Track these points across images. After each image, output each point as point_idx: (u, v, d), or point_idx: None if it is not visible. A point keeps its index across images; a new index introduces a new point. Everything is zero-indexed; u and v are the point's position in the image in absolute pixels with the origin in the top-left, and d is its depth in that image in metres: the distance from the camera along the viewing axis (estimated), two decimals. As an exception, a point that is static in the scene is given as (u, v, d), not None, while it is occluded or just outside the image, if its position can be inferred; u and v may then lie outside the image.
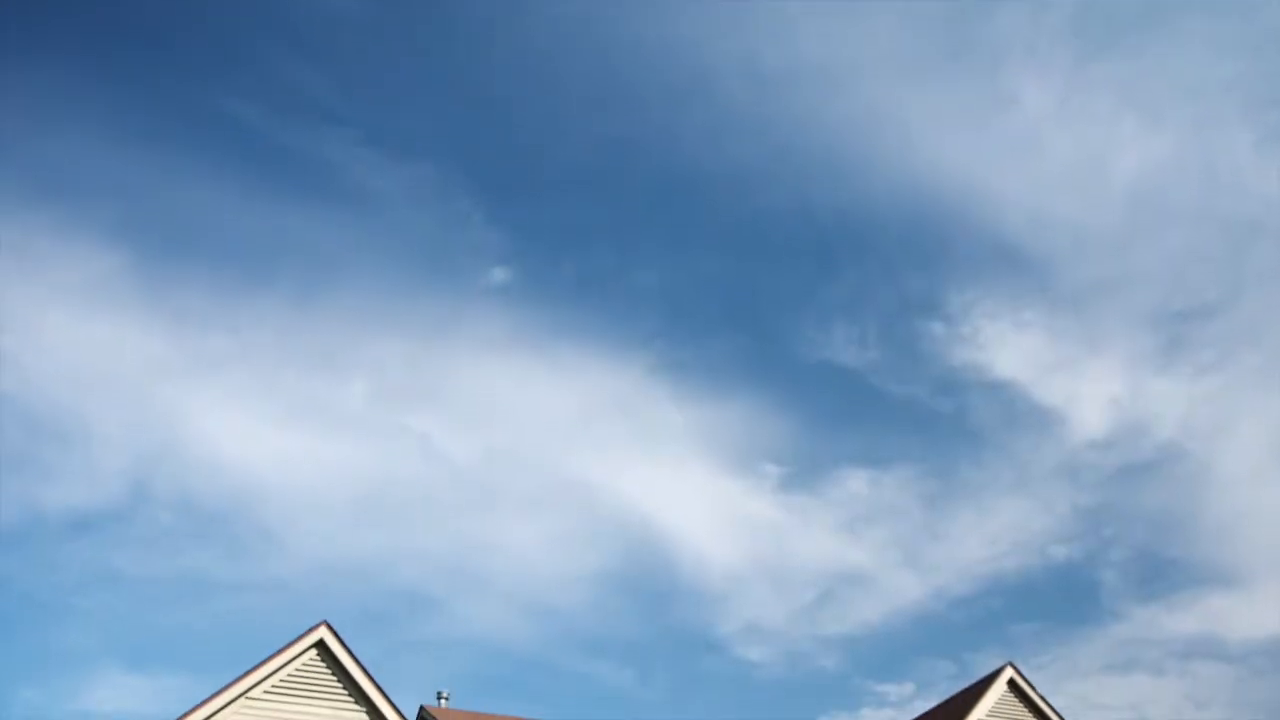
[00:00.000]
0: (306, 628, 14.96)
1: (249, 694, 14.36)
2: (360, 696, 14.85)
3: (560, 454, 69.24)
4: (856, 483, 79.43)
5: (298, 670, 14.75)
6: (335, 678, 14.88)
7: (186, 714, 13.81)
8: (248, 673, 14.37)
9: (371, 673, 14.98)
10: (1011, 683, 20.72)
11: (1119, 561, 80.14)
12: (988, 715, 20.32)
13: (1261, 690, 76.76)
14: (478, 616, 76.59)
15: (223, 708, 14.14)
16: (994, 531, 78.89)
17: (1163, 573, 79.71)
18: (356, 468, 67.06)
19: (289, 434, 65.48)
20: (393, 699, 14.90)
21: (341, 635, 15.01)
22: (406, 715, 14.89)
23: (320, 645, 14.93)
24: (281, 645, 14.77)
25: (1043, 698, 20.43)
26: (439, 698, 23.64)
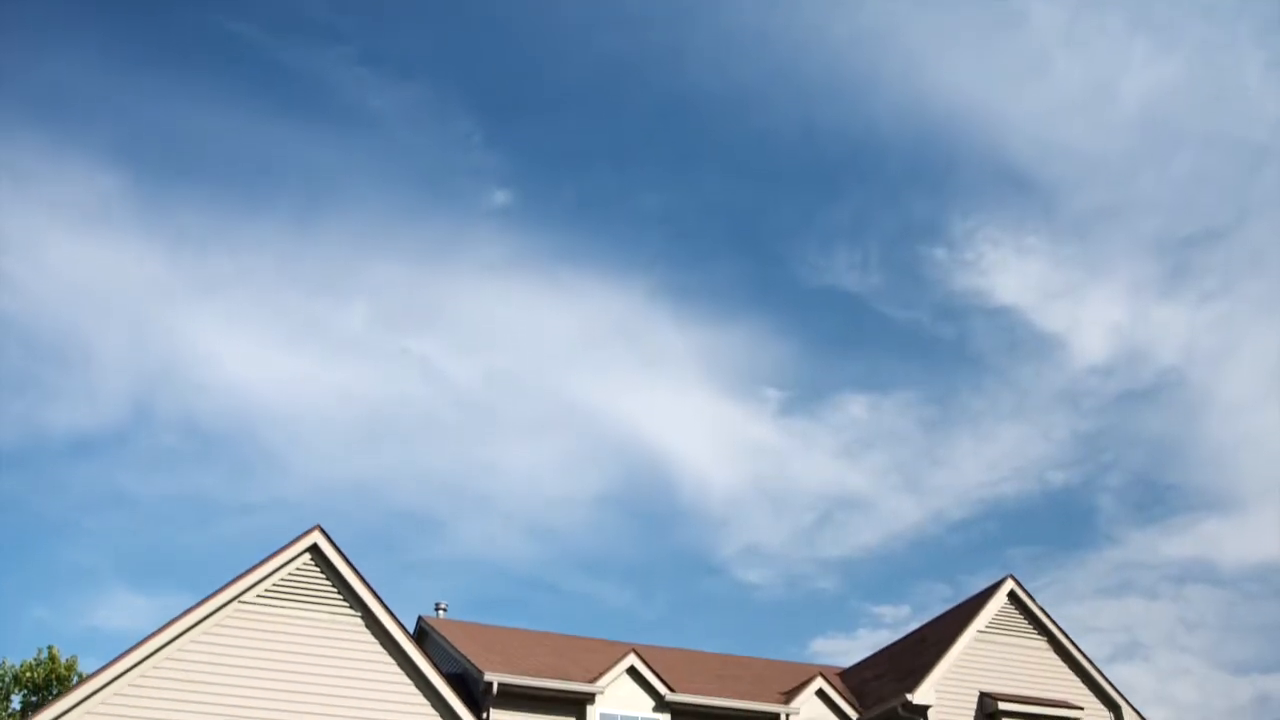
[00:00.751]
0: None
1: (242, 598, 14.21)
2: (355, 601, 14.70)
3: (561, 377, 69.04)
4: (857, 407, 79.30)
5: (291, 575, 14.58)
6: (330, 583, 14.72)
7: (179, 616, 13.66)
8: (240, 577, 14.21)
9: (366, 578, 14.82)
10: (1012, 595, 20.62)
11: (1116, 487, 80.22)
12: (988, 626, 20.24)
13: (1253, 614, 77.37)
14: (479, 537, 76.87)
15: (216, 611, 13.99)
16: (993, 457, 78.91)
17: (1159, 498, 79.86)
18: (358, 390, 66.88)
19: (290, 356, 65.20)
20: (392, 610, 14.75)
21: (336, 541, 14.83)
22: (405, 625, 14.75)
23: (314, 550, 14.75)
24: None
25: (1042, 609, 20.35)
26: (437, 609, 23.60)
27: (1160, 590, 79.35)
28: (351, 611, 14.65)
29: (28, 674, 27.25)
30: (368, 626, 14.64)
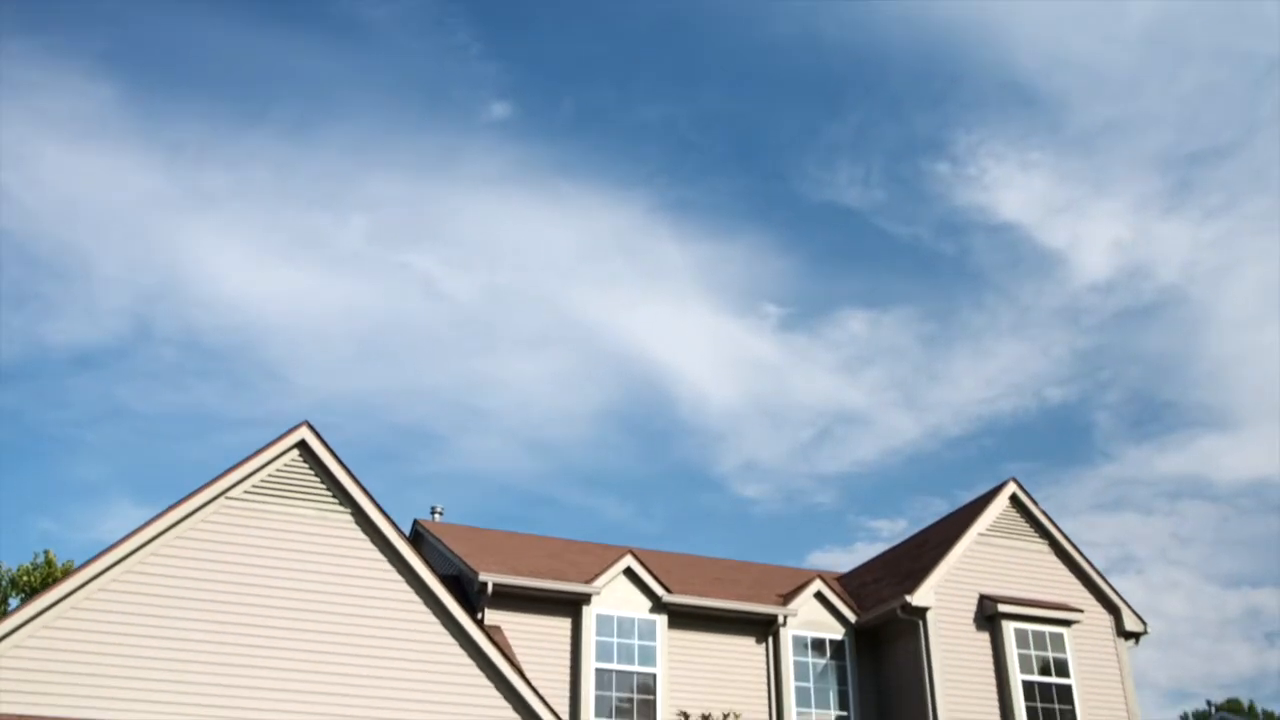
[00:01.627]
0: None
1: (229, 494, 13.92)
2: (344, 498, 14.42)
3: (561, 292, 68.59)
4: (856, 323, 79.01)
5: (279, 471, 14.28)
6: (318, 479, 14.42)
7: (165, 511, 13.38)
8: (227, 472, 13.90)
9: (356, 475, 14.52)
10: (1014, 498, 20.38)
11: (1113, 404, 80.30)
12: (989, 529, 20.01)
13: (1245, 528, 77.82)
14: (480, 452, 77.14)
15: (203, 506, 13.71)
16: (991, 374, 78.84)
17: (1156, 415, 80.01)
18: (357, 305, 66.50)
19: (289, 271, 64.69)
20: (383, 507, 14.46)
21: (325, 438, 14.51)
22: (400, 527, 14.47)
23: (302, 446, 14.43)
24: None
25: (1044, 512, 20.11)
26: (433, 512, 23.45)
27: (1155, 506, 79.71)
28: (341, 508, 14.37)
29: (24, 578, 27.26)
30: (358, 524, 14.37)
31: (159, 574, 13.23)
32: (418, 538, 22.30)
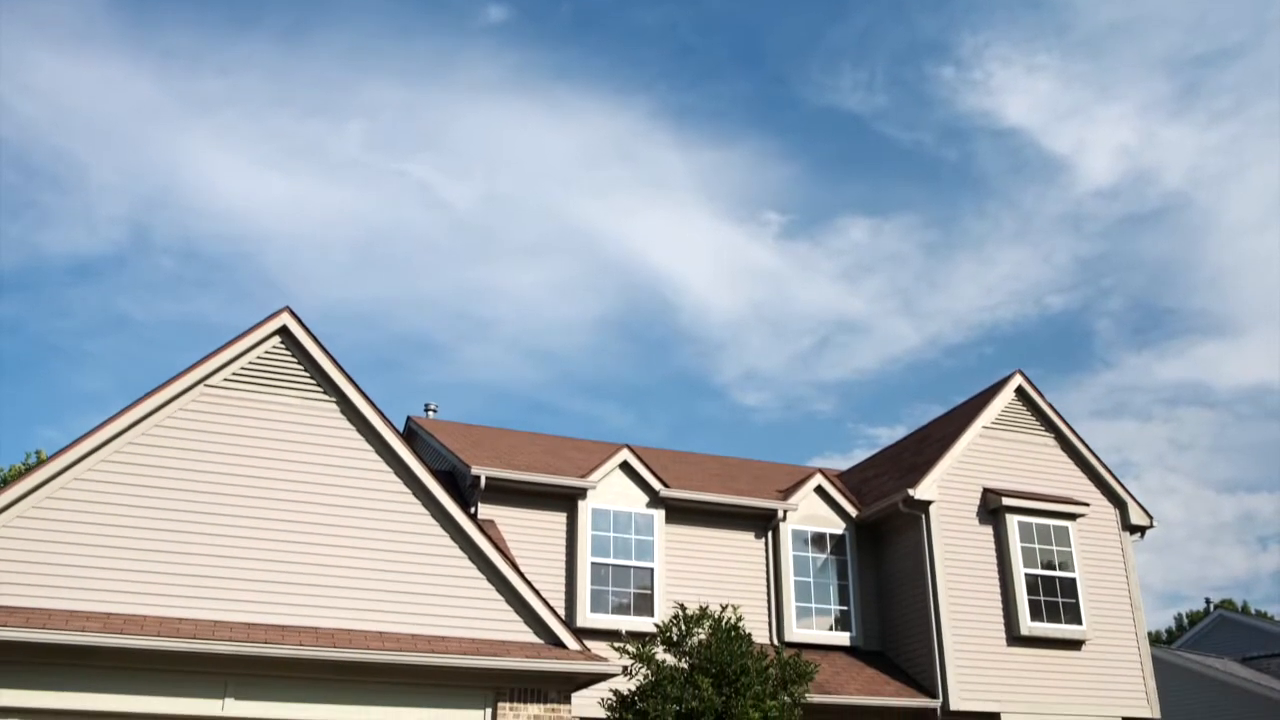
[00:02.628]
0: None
1: (208, 381, 13.41)
2: (329, 386, 13.91)
3: (561, 199, 67.52)
4: (857, 231, 78.01)
5: (261, 358, 13.75)
6: (302, 367, 13.89)
7: (142, 398, 12.88)
8: (205, 358, 13.36)
9: (340, 362, 14.00)
10: (1019, 390, 19.92)
11: (1115, 311, 79.64)
12: (994, 422, 19.59)
13: (1243, 434, 77.68)
14: (480, 361, 76.69)
15: (182, 394, 13.20)
16: (992, 281, 78.05)
17: (1157, 322, 79.44)
18: (355, 214, 65.50)
19: (286, 179, 63.60)
20: (369, 395, 13.96)
21: (309, 326, 13.96)
22: (393, 423, 13.99)
23: (284, 332, 13.88)
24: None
25: (1050, 405, 19.66)
26: (427, 410, 23.04)
27: (1153, 412, 79.47)
28: (326, 397, 13.87)
29: (15, 477, 26.92)
30: (344, 413, 13.88)
31: (137, 463, 12.77)
32: (411, 435, 21.91)
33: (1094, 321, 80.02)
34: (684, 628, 14.91)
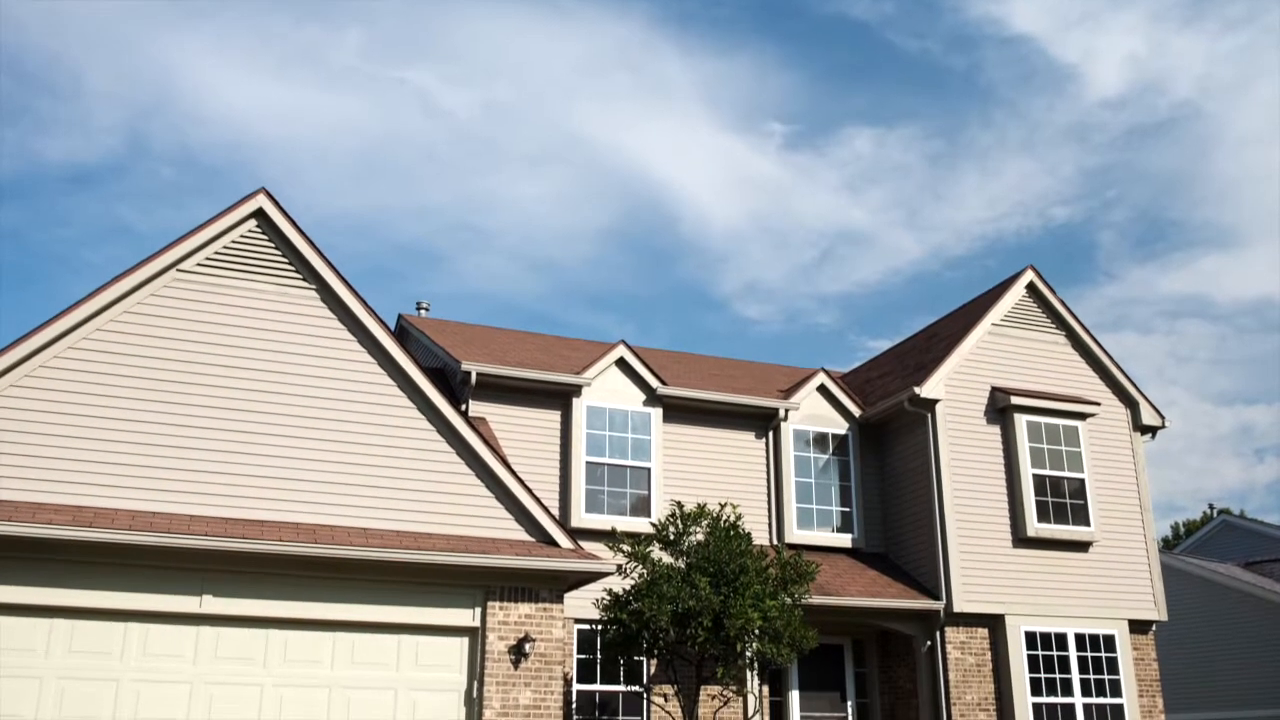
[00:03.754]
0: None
1: (180, 266, 12.70)
2: (309, 274, 13.22)
3: (562, 108, 66.05)
4: (861, 142, 76.55)
5: (236, 243, 13.03)
6: (280, 253, 13.18)
7: (110, 283, 12.19)
8: (177, 242, 12.65)
9: (320, 248, 13.28)
10: (1030, 286, 19.25)
11: (1119, 223, 78.53)
12: (1003, 319, 18.93)
13: (1243, 347, 77.14)
14: (480, 272, 75.81)
15: (150, 279, 12.51)
16: (996, 193, 76.82)
17: (1161, 234, 78.37)
18: (355, 122, 64.13)
19: (284, 86, 62.10)
20: (351, 283, 13.27)
21: (285, 208, 13.22)
22: (371, 306, 13.31)
23: (260, 215, 13.14)
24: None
25: (1062, 302, 19.00)
26: (418, 308, 22.37)
27: (1154, 325, 78.83)
28: (305, 284, 13.18)
29: None
30: (324, 301, 13.20)
31: (107, 350, 12.14)
32: (402, 333, 21.28)
33: (1097, 234, 79.02)
34: (681, 526, 14.41)
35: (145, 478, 11.90)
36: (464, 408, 16.62)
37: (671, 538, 14.43)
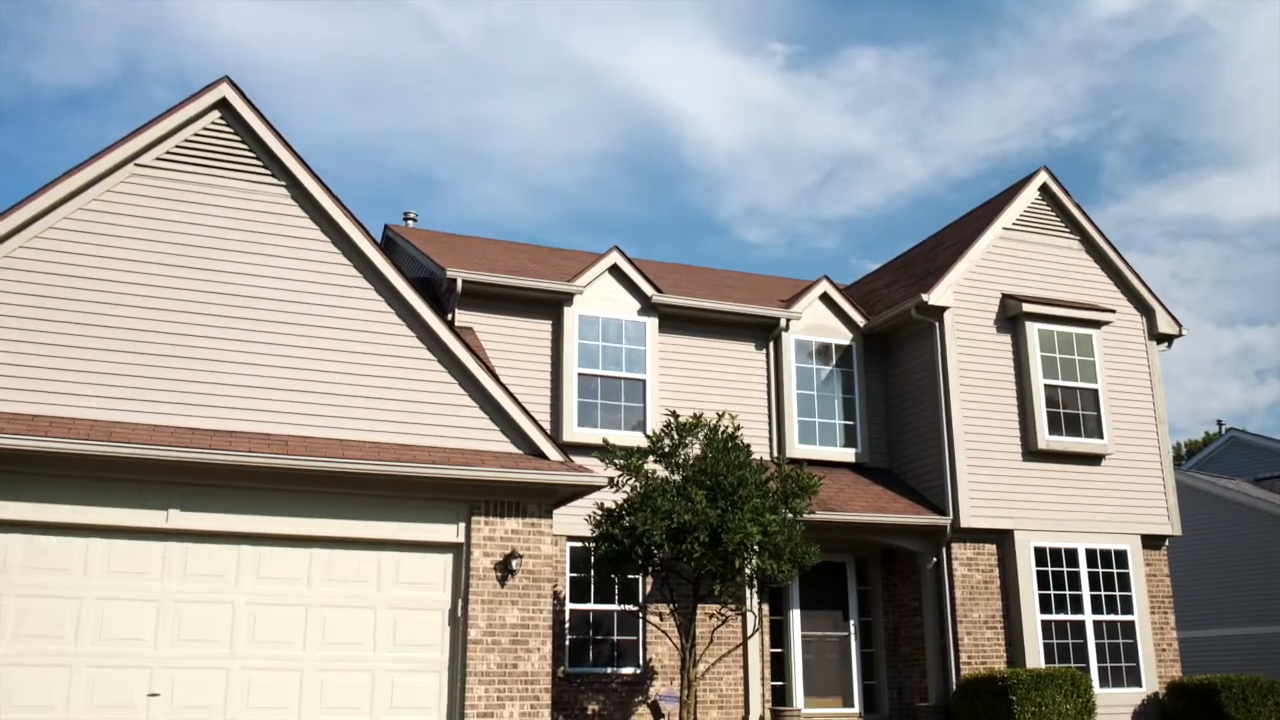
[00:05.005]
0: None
1: (138, 160, 11.85)
2: (279, 170, 12.37)
3: (562, 30, 64.31)
4: (865, 62, 74.75)
5: (198, 135, 12.16)
6: (246, 147, 12.32)
7: (62, 177, 11.35)
8: (133, 134, 11.78)
9: (289, 141, 12.41)
10: (1044, 188, 18.37)
11: (1124, 143, 76.97)
12: (1015, 223, 18.09)
13: (1247, 267, 76.12)
14: (480, 198, 74.53)
15: (107, 174, 11.67)
16: (1002, 113, 75.19)
17: (1167, 154, 76.87)
18: (352, 45, 62.44)
19: (281, 8, 60.34)
20: (322, 179, 12.43)
21: (251, 100, 12.32)
22: (343, 202, 12.48)
23: (224, 106, 12.25)
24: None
25: (1078, 205, 18.14)
26: (406, 218, 21.50)
27: (1158, 246, 77.64)
28: (275, 181, 12.33)
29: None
30: (295, 199, 12.37)
31: (62, 249, 11.34)
32: (388, 244, 20.47)
33: (1103, 154, 77.61)
34: (677, 437, 13.72)
35: (106, 385, 11.18)
36: (450, 317, 15.85)
37: (666, 450, 13.75)
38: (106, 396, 11.15)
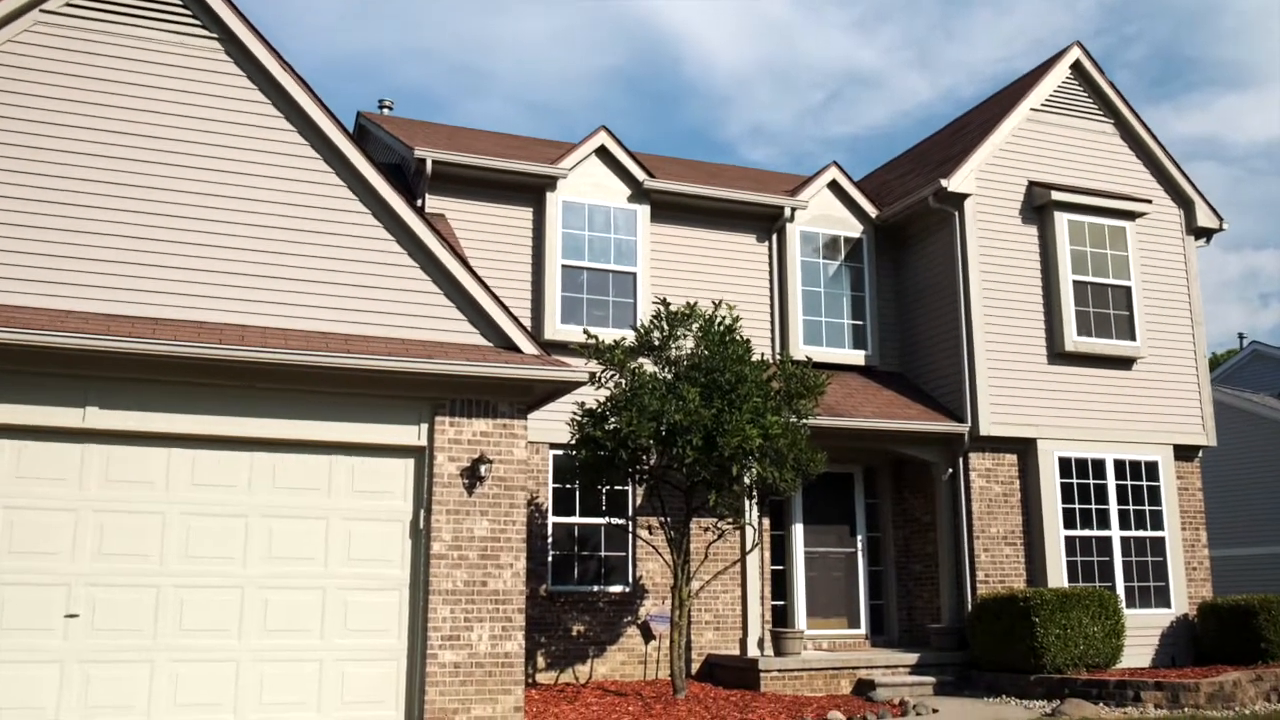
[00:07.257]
0: None
1: (43, 5, 10.25)
2: (210, 20, 10.77)
3: (561, -61, 61.70)
4: (874, -34, 72.00)
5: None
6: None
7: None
8: None
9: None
10: (1077, 66, 16.68)
11: (1136, 61, 74.46)
12: (1043, 104, 16.44)
13: (1256, 189, 74.14)
14: (482, 116, 72.34)
15: (5, 21, 10.10)
16: (1011, 30, 72.65)
17: (1178, 73, 74.45)
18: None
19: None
20: (263, 33, 10.84)
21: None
22: (288, 62, 10.90)
23: (144, -55, 10.61)
24: None
25: (1112, 85, 16.47)
26: (381, 106, 19.85)
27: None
28: (206, 33, 10.74)
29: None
30: (230, 56, 10.80)
31: (-50, 108, 9.81)
32: (361, 133, 18.84)
33: (1113, 73, 75.20)
34: (667, 328, 12.28)
35: (5, 264, 9.72)
36: (420, 203, 14.35)
37: (656, 343, 12.32)
38: (7, 277, 9.70)
